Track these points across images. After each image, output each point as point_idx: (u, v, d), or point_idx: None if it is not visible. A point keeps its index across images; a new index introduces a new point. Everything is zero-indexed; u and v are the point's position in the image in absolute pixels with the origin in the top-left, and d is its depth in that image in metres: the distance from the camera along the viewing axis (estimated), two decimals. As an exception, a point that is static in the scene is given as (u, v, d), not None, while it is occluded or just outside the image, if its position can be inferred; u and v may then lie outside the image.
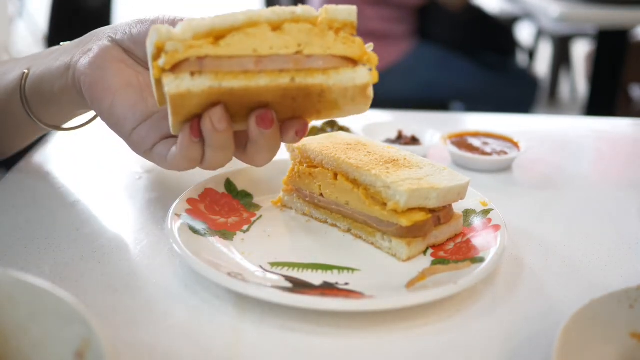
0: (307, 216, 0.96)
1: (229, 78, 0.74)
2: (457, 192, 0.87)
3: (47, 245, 0.86)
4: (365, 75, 0.78)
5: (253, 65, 0.74)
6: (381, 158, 0.90)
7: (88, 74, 0.85)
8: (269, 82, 0.74)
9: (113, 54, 0.87)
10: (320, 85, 0.76)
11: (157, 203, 1.00)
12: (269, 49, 0.74)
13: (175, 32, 0.73)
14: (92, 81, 0.85)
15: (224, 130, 0.77)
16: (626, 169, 1.27)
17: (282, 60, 0.75)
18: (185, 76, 0.73)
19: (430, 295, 0.72)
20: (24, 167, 1.11)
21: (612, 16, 2.77)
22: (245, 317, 0.73)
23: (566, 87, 5.43)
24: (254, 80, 0.74)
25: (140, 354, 0.66)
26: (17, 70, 0.97)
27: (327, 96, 0.77)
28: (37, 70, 0.94)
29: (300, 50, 0.75)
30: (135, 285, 0.78)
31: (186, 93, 0.73)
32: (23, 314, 0.59)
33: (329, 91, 0.77)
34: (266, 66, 0.74)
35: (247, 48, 0.74)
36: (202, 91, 0.73)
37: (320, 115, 0.82)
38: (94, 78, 0.85)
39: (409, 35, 3.03)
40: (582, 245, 0.92)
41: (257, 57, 0.74)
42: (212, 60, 0.73)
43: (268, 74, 0.74)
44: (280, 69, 0.74)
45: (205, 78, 0.73)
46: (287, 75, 0.75)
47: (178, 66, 0.73)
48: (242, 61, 0.74)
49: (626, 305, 0.68)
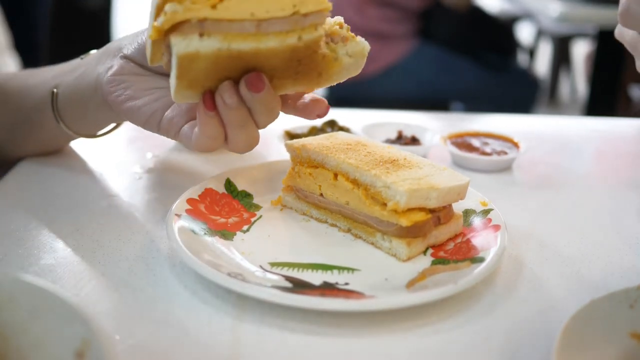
0: (307, 216, 0.96)
1: (238, 40, 0.74)
2: (457, 192, 0.87)
3: (47, 246, 0.86)
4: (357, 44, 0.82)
5: (254, 29, 0.74)
6: (381, 158, 0.90)
7: (112, 91, 0.90)
8: (278, 43, 0.75)
9: (129, 69, 0.91)
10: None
11: (157, 203, 1.00)
12: (266, 13, 0.74)
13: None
14: (118, 98, 0.89)
15: (235, 106, 0.78)
16: (626, 169, 1.27)
17: (281, 23, 0.75)
18: (194, 37, 0.73)
19: (430, 295, 0.72)
20: (24, 168, 1.11)
21: (612, 16, 2.77)
22: (245, 317, 0.73)
23: (566, 87, 5.43)
24: (263, 41, 0.74)
25: (140, 354, 0.66)
26: (44, 87, 1.01)
27: (331, 52, 0.80)
28: (67, 90, 0.98)
29: (296, 10, 0.75)
30: (135, 285, 0.78)
31: (194, 54, 0.73)
32: (23, 314, 0.59)
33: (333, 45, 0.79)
34: (266, 29, 0.75)
35: (245, 12, 0.73)
36: (211, 53, 0.73)
37: (320, 78, 0.82)
38: (119, 94, 0.89)
39: (410, 35, 3.03)
40: (582, 245, 0.92)
41: (257, 21, 0.74)
42: (212, 23, 0.73)
43: (276, 35, 0.75)
44: (284, 30, 0.75)
45: (215, 39, 0.73)
46: (294, 34, 0.76)
47: (177, 28, 0.73)
48: (242, 25, 0.74)
49: (626, 305, 0.68)
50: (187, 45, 0.72)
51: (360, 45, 0.82)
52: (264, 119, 0.82)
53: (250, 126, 0.81)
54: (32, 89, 1.03)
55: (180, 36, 0.72)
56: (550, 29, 4.77)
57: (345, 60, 0.82)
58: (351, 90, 3.03)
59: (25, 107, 1.04)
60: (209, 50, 0.73)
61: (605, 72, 3.15)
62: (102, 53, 0.96)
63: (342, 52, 0.81)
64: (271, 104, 0.80)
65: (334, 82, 0.85)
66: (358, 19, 2.93)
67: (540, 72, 5.37)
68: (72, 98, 0.98)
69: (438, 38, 3.05)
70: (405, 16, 2.98)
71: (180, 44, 0.72)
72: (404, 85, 3.02)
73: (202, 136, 0.81)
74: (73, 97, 0.98)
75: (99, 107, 0.95)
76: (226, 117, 0.79)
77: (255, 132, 0.83)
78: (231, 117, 0.79)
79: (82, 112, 0.99)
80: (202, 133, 0.81)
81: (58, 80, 1.00)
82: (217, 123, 0.80)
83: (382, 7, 2.91)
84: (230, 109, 0.78)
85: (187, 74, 0.75)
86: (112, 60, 0.92)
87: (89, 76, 0.95)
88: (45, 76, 1.03)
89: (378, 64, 2.98)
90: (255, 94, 0.78)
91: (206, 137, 0.81)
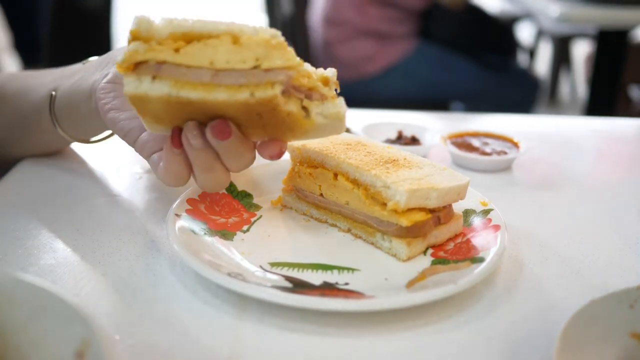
0: (307, 216, 0.96)
1: (188, 88, 0.71)
2: (457, 192, 0.87)
3: (47, 245, 0.86)
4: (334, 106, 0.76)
5: (209, 78, 0.71)
6: (381, 158, 0.90)
7: (101, 98, 0.89)
8: (228, 96, 0.71)
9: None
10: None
11: (157, 203, 1.00)
12: (226, 63, 0.70)
13: (156, 24, 0.71)
14: (105, 106, 0.88)
15: (200, 147, 0.75)
16: (626, 169, 1.27)
17: (237, 76, 0.71)
18: (147, 79, 0.71)
19: (430, 295, 0.72)
20: (24, 167, 1.11)
21: (612, 16, 2.77)
22: (245, 317, 0.73)
23: (566, 88, 5.43)
24: (212, 93, 0.71)
25: (140, 354, 0.66)
26: (43, 89, 1.01)
27: (301, 110, 0.74)
28: (64, 94, 0.98)
29: (258, 64, 0.71)
30: (135, 285, 0.78)
31: (144, 96, 0.71)
32: (23, 314, 0.59)
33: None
34: (222, 80, 0.71)
35: (204, 59, 0.70)
36: (160, 97, 0.71)
37: (293, 133, 0.78)
38: (106, 102, 0.88)
39: (410, 35, 3.03)
40: (582, 245, 0.92)
41: (214, 70, 0.71)
42: (169, 67, 0.71)
43: (226, 88, 0.71)
44: (238, 83, 0.71)
45: (165, 84, 0.71)
46: (246, 90, 0.71)
47: (138, 67, 0.72)
48: (199, 72, 0.71)
49: (626, 305, 0.68)
50: (137, 86, 0.71)
51: (336, 108, 0.76)
52: (235, 165, 0.79)
53: (217, 169, 0.79)
54: (31, 91, 1.03)
55: (133, 76, 0.71)
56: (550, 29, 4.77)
57: (319, 120, 0.76)
58: (351, 90, 3.04)
59: (24, 109, 1.04)
60: (158, 94, 0.71)
61: (605, 72, 3.15)
62: (102, 60, 0.96)
63: (315, 112, 0.76)
64: (239, 149, 0.77)
65: (311, 139, 0.80)
66: (359, 18, 2.93)
67: (540, 72, 5.37)
68: (68, 102, 0.97)
69: (438, 38, 3.05)
70: (405, 16, 2.98)
71: (130, 85, 0.71)
72: (404, 85, 3.02)
73: (166, 172, 0.80)
74: (69, 101, 0.97)
75: (92, 114, 0.94)
76: (192, 158, 0.77)
77: (222, 176, 0.80)
78: (196, 158, 0.77)
79: (76, 117, 0.98)
80: (166, 170, 0.79)
81: (57, 83, 1.00)
82: (182, 161, 0.78)
83: (383, 7, 2.91)
84: (196, 149, 0.76)
85: (146, 111, 0.74)
86: (109, 68, 0.92)
87: (85, 82, 0.95)
88: (45, 79, 1.03)
89: (378, 64, 2.98)
90: (221, 141, 0.75)
91: (170, 174, 0.79)
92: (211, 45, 0.70)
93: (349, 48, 2.98)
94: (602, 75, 3.17)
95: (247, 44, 0.71)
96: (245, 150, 0.78)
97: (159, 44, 0.71)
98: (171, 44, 0.71)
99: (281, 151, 0.80)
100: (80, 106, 0.95)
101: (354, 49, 2.97)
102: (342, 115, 0.77)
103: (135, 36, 0.72)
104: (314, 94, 0.76)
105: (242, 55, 0.71)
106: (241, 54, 0.71)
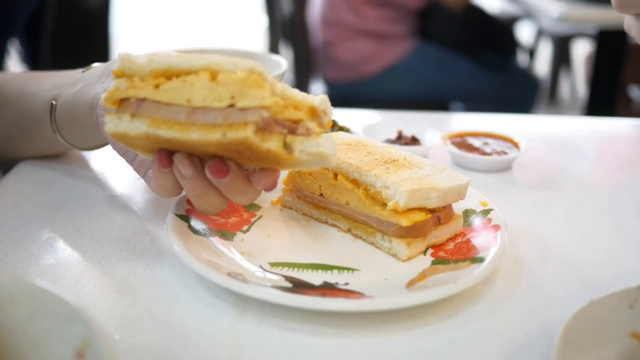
0: (307, 216, 0.96)
1: (164, 127, 0.69)
2: (457, 192, 0.87)
3: (47, 245, 0.86)
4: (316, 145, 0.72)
5: (185, 117, 0.69)
6: (381, 158, 0.90)
7: (102, 114, 0.89)
8: (201, 136, 0.68)
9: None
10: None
11: (157, 203, 1.00)
12: (202, 100, 0.68)
13: (138, 61, 0.71)
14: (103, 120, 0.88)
15: (192, 177, 0.75)
16: (626, 169, 1.27)
17: (213, 114, 0.68)
18: (126, 117, 0.71)
19: (430, 295, 0.72)
20: (24, 168, 1.11)
21: (612, 16, 2.77)
22: (245, 317, 0.73)
23: (566, 87, 5.43)
24: (187, 133, 0.69)
25: (140, 354, 0.66)
26: (43, 96, 1.01)
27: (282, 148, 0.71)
28: (65, 104, 0.98)
29: (233, 103, 0.68)
30: (135, 285, 0.78)
31: (123, 134, 0.71)
32: (23, 314, 0.59)
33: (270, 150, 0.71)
34: (197, 119, 0.69)
35: (182, 96, 0.69)
36: (139, 135, 0.70)
37: (281, 165, 0.75)
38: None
39: (409, 35, 3.04)
40: (582, 245, 0.92)
41: (190, 108, 0.69)
42: (149, 105, 0.70)
43: (200, 128, 0.68)
44: (212, 123, 0.69)
45: (142, 122, 0.70)
46: (219, 130, 0.68)
47: (123, 103, 0.71)
48: (176, 110, 0.69)
49: (626, 305, 0.68)
50: (117, 125, 0.71)
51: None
52: (239, 200, 0.78)
53: (211, 195, 0.77)
54: (31, 96, 1.03)
55: (113, 115, 0.71)
56: (550, 29, 4.77)
57: (302, 157, 0.72)
58: (351, 90, 3.04)
59: (24, 115, 1.04)
60: (137, 132, 0.70)
61: (605, 72, 3.15)
62: (103, 71, 0.94)
63: (299, 149, 0.71)
64: (240, 186, 0.76)
65: (302, 169, 0.77)
66: (355, 19, 2.93)
67: (540, 72, 5.37)
68: (69, 113, 0.97)
69: (438, 38, 3.06)
70: (403, 16, 2.98)
71: (110, 123, 0.71)
72: (404, 86, 3.02)
73: (157, 188, 0.80)
74: (71, 112, 0.97)
75: (93, 127, 0.93)
76: (184, 186, 0.77)
77: (217, 201, 0.78)
78: (189, 187, 0.76)
79: (78, 128, 0.98)
80: (157, 185, 0.79)
81: (57, 91, 0.99)
82: (172, 178, 0.77)
83: (379, 7, 2.91)
84: (188, 180, 0.75)
85: (132, 145, 0.74)
86: (110, 82, 0.90)
87: (87, 94, 0.94)
88: (45, 84, 1.03)
89: (378, 64, 2.98)
90: (221, 179, 0.74)
91: (162, 189, 0.79)
92: (189, 82, 0.69)
93: (348, 48, 2.98)
94: (602, 75, 3.17)
95: (224, 81, 0.68)
96: (248, 186, 0.76)
97: (141, 80, 0.71)
98: (152, 80, 0.70)
99: (274, 182, 0.76)
100: (81, 118, 0.95)
101: (353, 49, 2.97)
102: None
103: (118, 75, 0.72)
104: (299, 127, 0.72)
105: (218, 93, 0.68)
106: (217, 92, 0.68)
